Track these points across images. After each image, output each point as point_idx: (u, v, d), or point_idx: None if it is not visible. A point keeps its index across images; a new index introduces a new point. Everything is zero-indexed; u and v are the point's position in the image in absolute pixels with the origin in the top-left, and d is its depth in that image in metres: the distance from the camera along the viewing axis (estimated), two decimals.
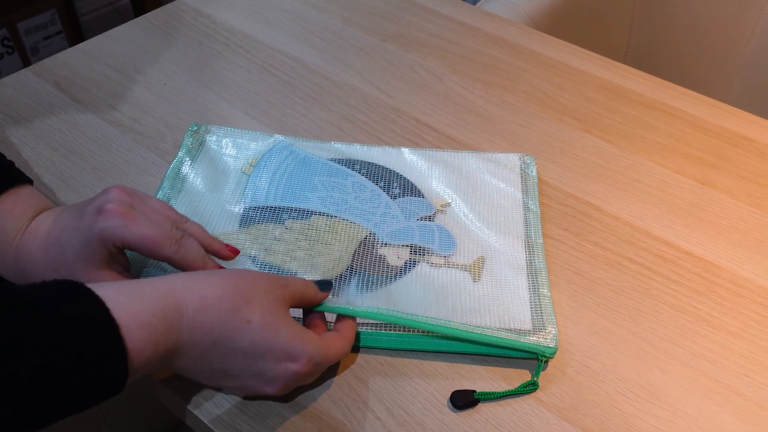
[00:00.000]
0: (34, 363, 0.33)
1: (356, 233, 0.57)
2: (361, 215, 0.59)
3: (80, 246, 0.45)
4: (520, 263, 0.56)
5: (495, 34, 0.85)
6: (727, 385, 0.50)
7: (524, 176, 0.63)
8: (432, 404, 0.48)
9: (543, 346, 0.49)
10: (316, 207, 0.59)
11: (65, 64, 0.78)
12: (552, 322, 0.51)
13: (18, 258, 0.47)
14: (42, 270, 0.46)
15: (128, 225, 0.45)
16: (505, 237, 0.58)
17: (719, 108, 0.74)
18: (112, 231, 0.44)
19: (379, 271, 0.55)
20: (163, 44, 0.81)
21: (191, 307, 0.41)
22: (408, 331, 0.51)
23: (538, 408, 0.48)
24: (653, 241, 0.60)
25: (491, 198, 0.61)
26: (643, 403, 0.49)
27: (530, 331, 0.51)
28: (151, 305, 0.39)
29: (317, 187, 0.61)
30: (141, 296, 0.39)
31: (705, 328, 0.54)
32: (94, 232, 0.45)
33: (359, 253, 0.56)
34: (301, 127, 0.71)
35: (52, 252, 0.46)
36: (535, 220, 0.59)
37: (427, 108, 0.73)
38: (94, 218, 0.45)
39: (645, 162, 0.68)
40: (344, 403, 0.48)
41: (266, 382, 0.44)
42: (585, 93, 0.76)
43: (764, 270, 0.58)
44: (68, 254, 0.46)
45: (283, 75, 0.77)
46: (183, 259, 0.46)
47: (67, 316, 0.36)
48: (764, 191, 0.65)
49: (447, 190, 0.61)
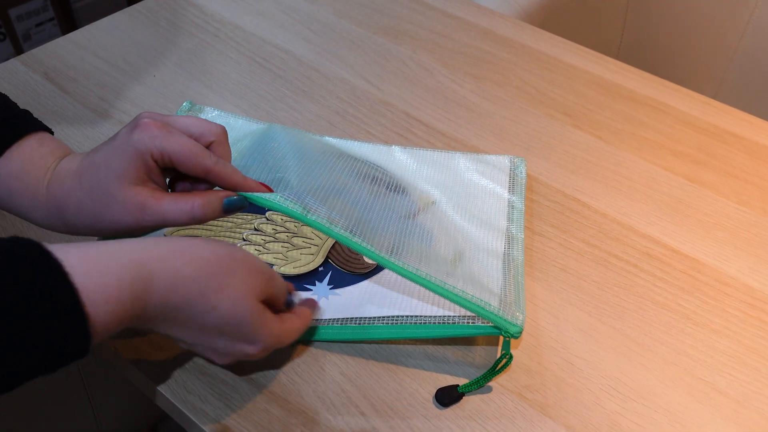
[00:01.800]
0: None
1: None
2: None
3: (116, 162, 0.44)
4: (498, 253, 0.55)
5: (487, 27, 0.84)
6: (710, 382, 0.50)
7: (513, 176, 0.63)
8: (416, 400, 0.49)
9: (507, 321, 0.48)
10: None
11: (54, 54, 0.77)
12: (521, 308, 0.50)
13: (50, 191, 0.46)
14: (76, 196, 0.45)
15: (166, 135, 0.44)
16: (486, 230, 0.57)
17: (709, 105, 0.74)
18: (150, 142, 0.43)
19: (353, 268, 0.54)
20: (153, 35, 0.81)
21: (162, 281, 0.39)
22: (370, 322, 0.51)
23: (521, 404, 0.49)
24: (640, 238, 0.60)
25: (477, 196, 0.60)
26: (626, 400, 0.49)
27: (499, 310, 0.48)
28: (120, 277, 0.37)
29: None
30: (111, 265, 0.37)
31: (689, 325, 0.54)
32: (131, 145, 0.43)
33: (337, 248, 0.56)
34: (291, 120, 0.70)
35: (86, 176, 0.45)
36: (518, 216, 0.59)
37: (418, 102, 0.73)
38: (130, 134, 0.44)
39: (634, 158, 0.68)
40: (329, 398, 0.49)
41: (217, 355, 0.44)
42: (576, 88, 0.76)
43: (749, 268, 0.58)
44: (102, 174, 0.44)
45: (274, 67, 0.77)
46: (222, 172, 0.45)
47: (23, 278, 0.34)
48: (751, 189, 0.65)
49: (434, 189, 0.61)
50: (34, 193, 0.46)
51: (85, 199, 0.45)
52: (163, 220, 0.44)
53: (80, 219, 0.45)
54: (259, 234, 0.57)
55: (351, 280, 0.54)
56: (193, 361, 0.50)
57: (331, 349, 0.51)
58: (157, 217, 0.44)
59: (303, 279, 0.54)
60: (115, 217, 0.44)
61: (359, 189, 0.53)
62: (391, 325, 0.50)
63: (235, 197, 0.46)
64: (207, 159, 0.45)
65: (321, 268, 0.55)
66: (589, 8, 1.13)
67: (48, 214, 0.46)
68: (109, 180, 0.44)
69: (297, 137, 0.58)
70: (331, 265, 0.55)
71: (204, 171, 0.45)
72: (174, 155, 0.44)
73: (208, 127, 0.47)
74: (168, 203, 0.44)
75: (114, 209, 0.44)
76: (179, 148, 0.44)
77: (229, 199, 0.46)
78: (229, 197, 0.46)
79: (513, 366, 0.51)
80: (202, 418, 0.47)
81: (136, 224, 0.44)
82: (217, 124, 0.48)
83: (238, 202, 0.46)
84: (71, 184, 0.45)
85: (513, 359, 0.51)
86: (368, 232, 0.49)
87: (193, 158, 0.44)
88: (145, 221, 0.44)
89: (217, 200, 0.46)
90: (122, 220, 0.44)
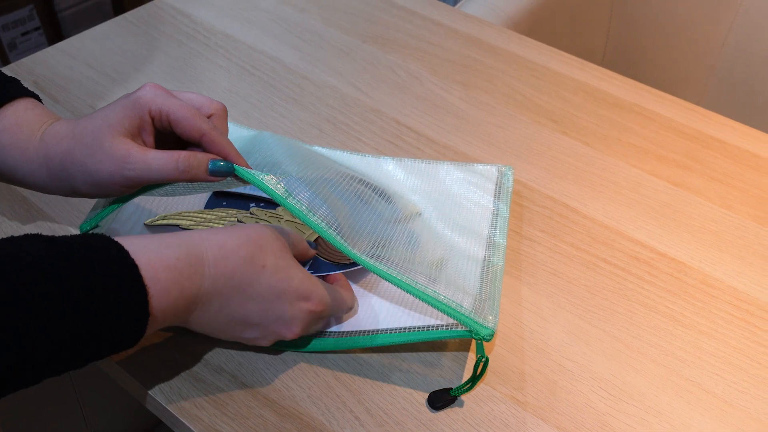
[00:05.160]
0: (47, 303, 0.35)
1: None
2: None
3: (112, 113, 0.45)
4: (478, 258, 0.55)
5: (474, 35, 0.85)
6: (698, 383, 0.51)
7: (499, 185, 0.63)
8: (410, 404, 0.49)
9: (478, 324, 0.47)
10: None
11: (44, 63, 0.77)
12: (494, 312, 0.49)
13: (42, 142, 0.46)
14: (66, 144, 0.46)
15: (168, 96, 0.46)
16: (468, 237, 0.57)
17: (693, 111, 0.75)
18: (151, 99, 0.45)
19: (335, 258, 0.54)
20: (143, 44, 0.81)
21: (212, 255, 0.43)
22: (350, 335, 0.51)
23: (514, 407, 0.49)
24: (628, 242, 0.61)
25: (462, 205, 0.61)
26: (616, 401, 0.50)
27: (471, 312, 0.48)
28: (176, 251, 0.41)
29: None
30: (166, 243, 0.41)
31: (677, 327, 0.55)
32: (132, 99, 0.46)
33: (320, 242, 0.56)
34: (281, 128, 0.71)
35: (82, 124, 0.46)
36: (502, 224, 0.59)
37: (407, 109, 0.74)
38: (134, 92, 0.46)
39: (620, 164, 0.69)
40: (323, 403, 0.49)
41: (285, 325, 0.46)
42: (562, 95, 0.77)
43: (734, 271, 0.59)
44: (97, 122, 0.45)
45: (263, 75, 0.77)
46: (217, 139, 0.46)
47: (90, 257, 0.37)
48: (735, 193, 0.66)
49: (420, 198, 0.61)
50: (25, 146, 0.47)
51: (73, 148, 0.45)
52: (148, 169, 0.45)
53: (65, 168, 0.46)
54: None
55: (329, 268, 0.53)
56: (187, 367, 0.50)
57: (326, 354, 0.52)
58: (141, 166, 0.45)
59: None
60: (97, 166, 0.45)
61: (346, 191, 0.54)
62: (365, 335, 0.50)
63: (222, 162, 0.47)
64: (204, 122, 0.46)
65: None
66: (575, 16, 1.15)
67: (35, 167, 0.47)
68: (101, 127, 0.45)
69: (287, 144, 0.59)
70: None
71: (199, 133, 0.46)
72: (172, 114, 0.46)
73: (209, 101, 0.49)
74: (153, 154, 0.45)
75: (98, 156, 0.45)
76: (178, 108, 0.46)
77: (216, 162, 0.46)
78: (216, 160, 0.47)
79: (505, 369, 0.52)
80: (196, 425, 0.48)
81: (118, 173, 0.45)
82: (218, 101, 0.50)
83: (224, 168, 0.47)
84: (65, 133, 0.46)
85: (503, 361, 0.52)
86: (347, 227, 0.49)
87: (191, 119, 0.46)
88: (128, 170, 0.44)
89: (203, 158, 0.46)
90: (105, 168, 0.45)
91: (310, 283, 0.47)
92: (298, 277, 0.46)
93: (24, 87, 0.51)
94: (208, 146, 0.47)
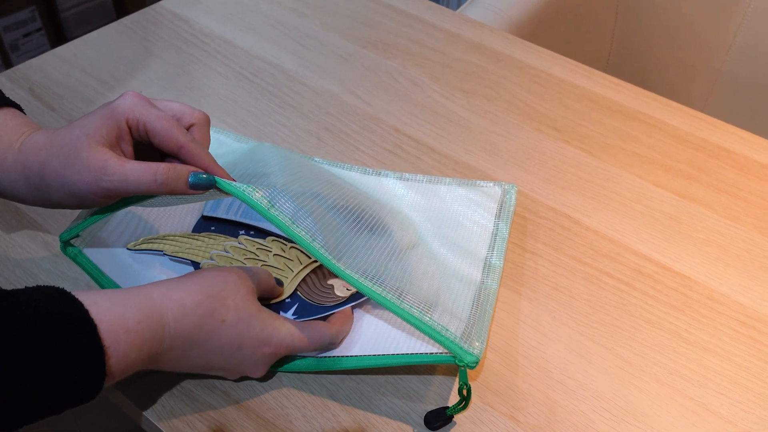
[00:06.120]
0: (9, 357, 0.35)
1: (309, 261, 0.54)
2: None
3: (90, 122, 0.44)
4: (473, 281, 0.54)
5: (476, 41, 0.84)
6: (703, 403, 0.50)
7: (501, 203, 0.61)
8: (406, 422, 0.48)
9: (463, 349, 0.46)
10: (276, 229, 0.56)
11: (40, 69, 0.76)
12: (482, 339, 0.48)
13: (20, 152, 0.45)
14: (44, 155, 0.44)
15: (146, 106, 0.45)
16: (464, 258, 0.56)
17: (699, 119, 0.74)
18: (129, 108, 0.45)
19: (322, 300, 0.52)
20: (141, 49, 0.80)
21: (172, 314, 0.42)
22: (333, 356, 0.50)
23: (513, 427, 0.48)
24: (631, 255, 0.60)
25: (461, 224, 0.59)
26: (618, 421, 0.49)
27: (457, 338, 0.47)
28: (138, 313, 0.41)
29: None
30: (129, 303, 0.41)
31: (681, 344, 0.54)
32: (109, 108, 0.45)
33: (307, 282, 0.53)
34: (279, 136, 0.70)
35: (60, 134, 0.45)
36: (500, 245, 0.58)
37: (407, 117, 0.73)
38: (112, 101, 0.46)
39: (624, 174, 0.68)
40: (319, 423, 0.48)
41: (248, 368, 0.47)
42: (565, 102, 0.76)
43: (741, 286, 0.58)
44: (75, 132, 0.44)
45: (262, 82, 0.76)
46: (195, 151, 0.45)
47: (46, 315, 0.37)
48: (742, 204, 0.65)
49: (419, 216, 0.59)
50: (3, 156, 0.46)
51: (51, 158, 0.44)
52: (125, 181, 0.43)
53: (43, 179, 0.45)
54: (228, 256, 0.54)
55: (317, 311, 0.51)
56: (179, 386, 0.49)
57: (321, 373, 0.51)
58: (118, 177, 0.43)
59: (268, 308, 0.50)
60: (75, 177, 0.43)
61: (340, 210, 0.51)
62: (349, 358, 0.49)
63: (204, 175, 0.45)
64: (182, 135, 0.45)
65: (288, 299, 0.52)
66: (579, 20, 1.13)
67: (14, 178, 0.46)
68: (79, 137, 0.44)
69: (284, 156, 0.57)
70: (299, 297, 0.52)
71: (177, 146, 0.45)
72: (149, 124, 0.44)
73: (191, 111, 0.48)
74: (132, 165, 0.44)
75: (76, 167, 0.43)
76: (155, 119, 0.44)
77: (197, 174, 0.45)
78: (197, 173, 0.45)
79: (504, 387, 0.50)
80: None
81: (95, 184, 0.43)
82: (200, 111, 0.48)
83: (205, 181, 0.45)
84: (43, 144, 0.45)
85: (501, 379, 0.50)
86: (334, 242, 0.47)
87: (168, 130, 0.44)
88: (105, 181, 0.43)
89: (183, 170, 0.45)
90: (82, 180, 0.43)
91: (272, 329, 0.46)
92: (259, 326, 0.46)
93: (4, 97, 0.50)
94: (186, 159, 0.45)
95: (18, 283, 0.55)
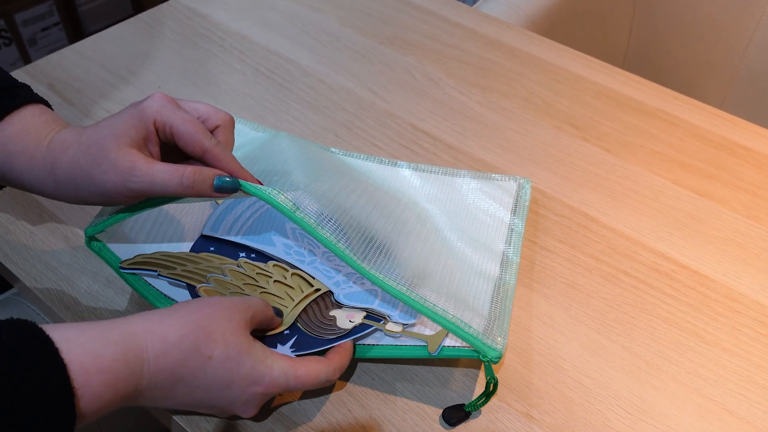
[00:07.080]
0: None
1: (311, 290, 0.52)
2: (325, 272, 0.53)
3: (118, 123, 0.45)
4: (491, 276, 0.54)
5: (493, 37, 0.84)
6: (721, 403, 0.50)
7: (517, 198, 0.61)
8: (424, 420, 0.48)
9: (486, 345, 0.46)
10: (278, 254, 0.54)
11: (59, 64, 0.77)
12: (503, 333, 0.48)
13: (49, 149, 0.46)
14: (72, 153, 0.45)
15: (173, 109, 0.45)
16: (482, 252, 0.56)
17: (719, 117, 0.73)
18: (157, 110, 0.45)
19: (323, 333, 0.49)
20: (158, 45, 0.80)
21: (152, 350, 0.40)
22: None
23: (529, 425, 0.48)
24: (649, 253, 0.60)
25: (477, 218, 0.59)
26: (635, 420, 0.49)
27: (480, 334, 0.47)
28: (113, 350, 0.38)
29: (287, 233, 0.55)
30: (105, 339, 0.38)
31: (699, 344, 0.53)
32: (138, 109, 0.45)
33: (308, 312, 0.50)
34: (296, 132, 0.70)
35: (88, 133, 0.45)
36: (517, 240, 0.57)
37: (424, 113, 0.73)
38: (140, 102, 0.46)
39: (643, 172, 0.67)
40: (336, 419, 0.48)
41: (238, 408, 0.44)
42: (583, 99, 0.75)
43: (760, 285, 0.57)
44: (103, 132, 0.45)
45: (279, 78, 0.76)
46: (220, 155, 0.45)
47: (14, 351, 0.35)
48: (762, 203, 0.64)
49: (435, 209, 0.59)
50: (32, 154, 0.46)
51: (79, 156, 0.45)
52: (152, 183, 0.44)
53: (71, 177, 0.45)
54: (226, 280, 0.51)
55: (316, 344, 0.48)
56: None
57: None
58: (145, 179, 0.44)
59: (264, 340, 0.48)
60: (102, 177, 0.44)
61: (361, 216, 0.51)
62: (380, 346, 0.49)
63: (228, 179, 0.45)
64: (206, 139, 0.45)
65: (287, 331, 0.49)
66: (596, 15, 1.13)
67: (42, 175, 0.46)
68: (107, 137, 0.44)
69: (301, 148, 0.58)
70: (298, 329, 0.49)
71: (201, 150, 0.45)
72: (175, 128, 0.45)
73: (216, 112, 0.48)
74: (159, 167, 0.44)
75: (104, 167, 0.44)
76: (181, 122, 0.45)
77: (221, 178, 0.45)
78: (222, 176, 0.45)
79: (520, 385, 0.50)
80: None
81: (123, 185, 0.44)
82: (225, 112, 0.49)
83: (230, 184, 0.45)
84: (71, 141, 0.46)
85: (518, 377, 0.50)
86: (356, 243, 0.47)
87: (194, 134, 0.45)
88: (133, 182, 0.43)
89: (209, 173, 0.45)
90: (109, 180, 0.44)
91: (263, 367, 0.43)
92: (250, 363, 0.43)
93: (34, 93, 0.50)
94: (211, 162, 0.46)
95: (39, 276, 0.56)
